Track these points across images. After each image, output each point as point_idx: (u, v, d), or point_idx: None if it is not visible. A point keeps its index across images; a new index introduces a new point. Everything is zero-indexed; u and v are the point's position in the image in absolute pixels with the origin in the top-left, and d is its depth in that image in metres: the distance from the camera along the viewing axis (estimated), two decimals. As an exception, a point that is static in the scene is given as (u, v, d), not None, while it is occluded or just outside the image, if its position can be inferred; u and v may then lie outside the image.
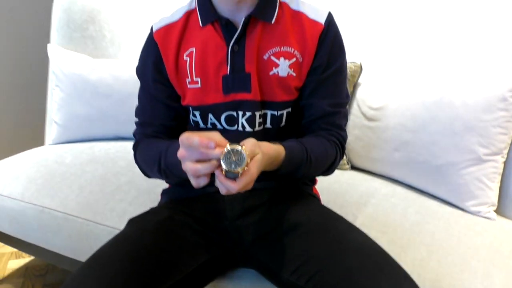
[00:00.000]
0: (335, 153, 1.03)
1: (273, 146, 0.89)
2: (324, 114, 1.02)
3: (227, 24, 0.99)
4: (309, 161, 0.96)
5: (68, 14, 1.83)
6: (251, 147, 0.80)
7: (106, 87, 1.72)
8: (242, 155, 0.77)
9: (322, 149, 1.00)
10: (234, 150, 0.77)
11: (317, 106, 1.02)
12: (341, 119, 1.05)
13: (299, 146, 0.96)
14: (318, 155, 0.98)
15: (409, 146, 1.32)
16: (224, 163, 0.77)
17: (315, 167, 0.99)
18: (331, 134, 1.03)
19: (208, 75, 1.00)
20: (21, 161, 1.61)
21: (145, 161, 1.05)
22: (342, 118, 1.05)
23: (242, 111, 1.00)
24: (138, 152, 1.09)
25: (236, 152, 0.77)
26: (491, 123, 1.20)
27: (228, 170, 0.77)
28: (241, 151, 0.77)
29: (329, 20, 1.02)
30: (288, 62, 0.99)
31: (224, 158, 0.77)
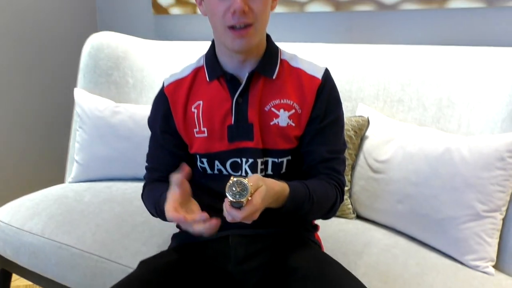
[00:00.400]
0: (335, 196, 1.10)
1: (277, 182, 0.98)
2: (323, 159, 1.10)
3: (232, 79, 1.10)
4: (312, 200, 1.03)
5: (95, 61, 1.95)
6: (255, 180, 0.89)
7: (126, 130, 1.82)
8: (246, 186, 0.86)
9: (323, 190, 1.07)
10: (238, 182, 0.86)
11: (316, 152, 1.10)
12: (340, 165, 1.14)
13: (302, 185, 1.04)
14: (320, 195, 1.06)
15: (411, 199, 1.38)
16: (229, 193, 0.85)
17: (317, 207, 1.06)
18: (331, 178, 1.11)
19: (215, 125, 1.10)
20: (43, 197, 1.70)
21: (147, 205, 1.18)
22: (340, 164, 1.14)
23: (246, 158, 1.09)
24: (143, 195, 1.21)
25: (239, 183, 0.86)
26: (490, 181, 1.26)
27: (233, 201, 0.84)
28: (244, 183, 0.86)
29: (326, 75, 1.12)
30: (288, 113, 1.09)
31: (229, 189, 0.86)
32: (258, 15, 1.02)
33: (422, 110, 1.55)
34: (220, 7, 1.01)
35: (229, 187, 0.86)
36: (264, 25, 1.07)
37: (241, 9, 0.98)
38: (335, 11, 1.89)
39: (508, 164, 1.25)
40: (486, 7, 1.61)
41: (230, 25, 1.01)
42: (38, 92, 2.35)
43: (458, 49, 1.56)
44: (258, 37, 1.06)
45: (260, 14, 1.02)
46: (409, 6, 1.74)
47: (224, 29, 1.02)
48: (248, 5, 1.00)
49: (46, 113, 2.39)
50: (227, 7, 1.00)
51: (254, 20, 1.02)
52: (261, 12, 1.02)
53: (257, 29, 1.04)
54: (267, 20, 1.07)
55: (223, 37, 1.04)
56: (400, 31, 1.79)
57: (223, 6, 1.01)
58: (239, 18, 0.99)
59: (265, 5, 1.03)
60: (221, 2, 1.01)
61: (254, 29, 1.03)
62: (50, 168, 2.39)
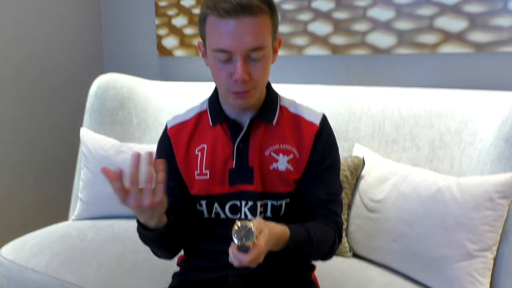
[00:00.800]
0: (334, 238, 1.14)
1: (278, 225, 1.02)
2: (322, 202, 1.15)
3: (233, 124, 1.15)
4: (312, 243, 1.07)
5: (101, 101, 2.03)
6: (258, 224, 0.93)
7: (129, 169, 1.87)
8: (251, 230, 0.90)
9: (323, 233, 1.11)
10: (244, 226, 0.90)
11: (315, 195, 1.15)
12: (337, 207, 1.18)
13: (302, 228, 1.08)
14: (319, 238, 1.10)
15: (406, 238, 1.41)
16: (235, 238, 0.90)
17: (317, 249, 1.10)
18: (330, 220, 1.15)
19: (216, 168, 1.14)
20: (47, 235, 1.74)
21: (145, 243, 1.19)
22: (338, 206, 1.18)
23: (245, 200, 1.13)
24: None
25: (245, 227, 0.90)
26: (480, 221, 1.29)
27: (240, 245, 0.89)
28: (250, 227, 0.90)
29: (323, 122, 1.18)
30: (287, 158, 1.14)
31: (235, 233, 0.90)
32: (258, 80, 1.07)
33: (415, 150, 1.60)
34: (222, 72, 1.05)
35: (235, 232, 0.90)
36: (264, 84, 1.12)
37: (243, 80, 1.03)
38: (332, 54, 1.97)
39: (497, 204, 1.29)
40: (475, 53, 1.68)
41: (232, 90, 1.06)
42: (45, 131, 2.42)
43: (449, 92, 1.62)
44: (258, 95, 1.11)
45: (261, 79, 1.08)
46: (402, 50, 1.81)
47: (226, 91, 1.08)
48: (249, 73, 1.04)
49: (52, 152, 2.45)
50: (229, 74, 1.04)
51: (255, 85, 1.07)
52: (261, 77, 1.07)
53: (257, 90, 1.09)
54: (267, 79, 1.12)
55: (225, 95, 1.10)
56: (394, 74, 1.86)
57: (225, 71, 1.05)
58: (240, 86, 1.04)
59: (265, 69, 1.08)
60: (223, 68, 1.05)
61: (254, 90, 1.08)
62: (54, 206, 2.44)
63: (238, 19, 1.00)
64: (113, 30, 2.61)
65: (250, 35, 1.01)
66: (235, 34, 1.01)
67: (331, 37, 1.95)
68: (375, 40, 1.86)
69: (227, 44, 1.02)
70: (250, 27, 1.01)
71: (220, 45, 1.03)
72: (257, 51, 1.03)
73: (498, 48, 1.63)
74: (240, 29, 1.01)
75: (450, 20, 1.70)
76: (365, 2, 1.86)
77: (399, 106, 1.67)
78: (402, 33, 1.80)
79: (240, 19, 1.00)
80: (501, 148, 1.35)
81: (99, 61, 2.65)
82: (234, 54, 1.03)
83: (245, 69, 1.03)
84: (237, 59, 1.02)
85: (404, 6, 1.78)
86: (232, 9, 0.99)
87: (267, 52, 1.07)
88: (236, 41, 1.01)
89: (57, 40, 2.44)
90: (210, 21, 1.04)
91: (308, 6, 1.99)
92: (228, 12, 1.00)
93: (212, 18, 1.03)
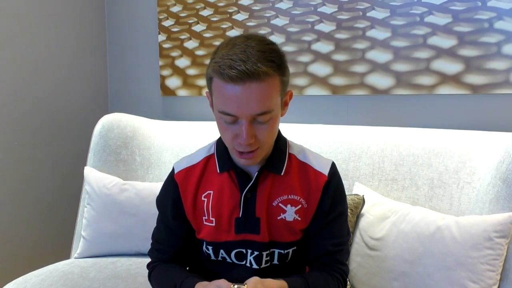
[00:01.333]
0: (337, 287, 1.14)
1: (276, 281, 1.02)
2: (328, 252, 1.15)
3: (241, 173, 1.14)
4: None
5: (105, 140, 2.06)
6: (253, 285, 0.94)
7: (132, 207, 1.89)
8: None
9: (324, 284, 1.12)
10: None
11: (321, 245, 1.15)
12: (343, 255, 1.19)
13: (302, 281, 1.08)
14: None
15: (406, 276, 1.42)
16: None
17: None
18: (334, 270, 1.15)
19: (222, 216, 1.14)
20: (49, 274, 1.74)
21: (160, 286, 1.18)
22: (344, 254, 1.19)
23: (251, 249, 1.14)
24: (153, 274, 1.22)
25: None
26: (480, 260, 1.31)
27: None
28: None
29: (332, 172, 1.18)
30: (295, 208, 1.14)
31: None
32: (265, 141, 1.06)
33: (415, 189, 1.62)
34: (228, 132, 1.05)
35: None
36: (271, 144, 1.11)
37: (248, 143, 1.02)
38: (332, 94, 2.02)
39: (496, 244, 1.30)
40: (471, 94, 1.73)
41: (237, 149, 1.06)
42: (48, 169, 2.44)
43: (447, 132, 1.66)
44: (264, 153, 1.10)
45: (268, 140, 1.07)
46: (400, 91, 1.86)
47: (232, 149, 1.08)
48: (254, 135, 1.03)
49: (55, 190, 2.47)
50: (235, 134, 1.03)
51: (261, 145, 1.06)
52: (267, 138, 1.06)
53: (263, 150, 1.08)
54: (274, 138, 1.11)
55: (231, 152, 1.11)
56: (393, 114, 1.90)
57: (231, 131, 1.04)
58: (245, 147, 1.03)
59: (271, 131, 1.06)
60: (229, 128, 1.04)
61: (260, 150, 1.07)
62: (57, 244, 2.44)
63: (244, 86, 0.98)
64: (118, 71, 2.68)
65: (256, 101, 0.99)
66: (241, 99, 0.99)
67: (331, 78, 2.01)
68: (374, 81, 1.91)
69: (233, 109, 1.00)
70: (256, 92, 0.98)
71: (225, 109, 1.01)
72: (264, 115, 1.01)
73: (494, 90, 1.68)
74: (246, 95, 0.98)
75: (446, 63, 1.76)
76: (364, 44, 1.92)
77: (398, 145, 1.70)
78: (400, 75, 1.85)
79: (247, 85, 0.98)
80: (498, 188, 1.37)
81: (103, 101, 2.70)
82: (240, 118, 1.01)
83: (251, 133, 1.01)
84: (243, 123, 1.01)
85: (401, 49, 1.84)
86: (238, 76, 0.97)
87: (274, 114, 1.04)
88: (242, 106, 0.99)
89: (63, 81, 2.50)
90: (216, 84, 1.02)
91: (308, 48, 2.05)
92: (234, 79, 0.97)
93: (217, 81, 1.01)
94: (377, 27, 1.88)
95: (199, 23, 2.34)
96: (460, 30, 1.73)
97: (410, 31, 1.82)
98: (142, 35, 2.57)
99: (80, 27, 2.57)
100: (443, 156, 1.59)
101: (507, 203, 1.35)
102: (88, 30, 2.61)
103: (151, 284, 1.24)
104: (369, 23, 1.90)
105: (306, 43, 2.05)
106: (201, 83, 2.37)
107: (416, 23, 1.80)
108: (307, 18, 2.04)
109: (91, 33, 2.63)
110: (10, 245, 2.30)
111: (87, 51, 2.61)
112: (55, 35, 2.45)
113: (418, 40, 1.81)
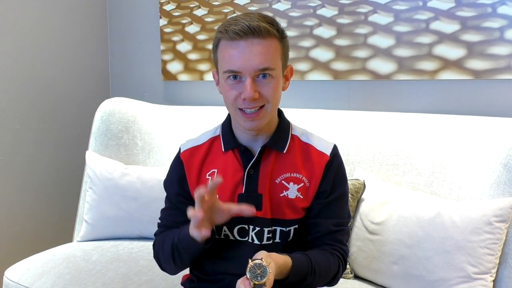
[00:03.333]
0: (338, 266, 1.17)
1: (281, 256, 1.04)
2: (329, 231, 1.17)
3: (245, 151, 1.18)
4: (314, 271, 1.10)
5: (107, 125, 2.06)
6: (265, 257, 0.95)
7: (134, 191, 1.90)
8: (265, 268, 0.96)
9: (326, 261, 1.14)
10: (257, 264, 0.96)
11: (323, 225, 1.17)
12: (343, 236, 1.21)
13: (304, 258, 1.10)
14: (322, 266, 1.12)
15: (406, 260, 1.43)
16: (250, 275, 0.94)
17: (319, 277, 1.12)
18: (334, 249, 1.17)
19: (226, 193, 1.17)
20: (52, 257, 1.76)
21: (163, 248, 1.18)
22: (344, 235, 1.21)
23: (253, 225, 1.16)
24: (156, 243, 1.23)
25: (259, 266, 0.96)
26: (479, 244, 1.32)
27: (256, 283, 0.93)
28: (264, 265, 0.96)
29: (334, 153, 1.20)
30: (297, 186, 1.16)
31: (250, 272, 0.95)
32: (268, 99, 1.10)
33: (415, 174, 1.63)
34: (232, 93, 1.10)
35: (250, 270, 0.95)
36: (275, 106, 1.15)
37: (251, 98, 1.07)
38: (334, 79, 2.02)
39: (496, 228, 1.31)
40: (473, 79, 1.73)
41: (241, 108, 1.10)
42: (50, 153, 2.45)
43: (448, 118, 1.66)
44: (268, 118, 1.14)
45: (271, 98, 1.11)
46: (402, 76, 1.86)
47: (236, 110, 1.12)
48: (258, 91, 1.08)
49: (57, 174, 2.48)
50: (239, 93, 1.09)
51: (264, 102, 1.10)
52: (272, 96, 1.11)
53: (267, 111, 1.12)
54: (278, 101, 1.15)
55: (236, 117, 1.14)
56: (394, 100, 1.90)
57: (235, 91, 1.10)
58: (249, 104, 1.09)
59: (274, 89, 1.11)
60: (233, 89, 1.10)
61: (264, 110, 1.11)
62: (59, 227, 2.46)
63: (247, 41, 1.07)
64: (119, 56, 2.67)
65: (258, 55, 1.07)
66: (244, 54, 1.07)
67: (333, 63, 2.00)
68: (376, 66, 1.91)
69: (237, 65, 1.08)
70: (258, 48, 1.07)
71: (230, 66, 1.09)
72: (266, 71, 1.08)
73: (496, 75, 1.68)
74: (249, 49, 1.07)
75: (449, 48, 1.75)
76: (366, 29, 1.91)
77: (399, 130, 1.71)
78: (402, 60, 1.85)
79: (249, 41, 1.07)
80: (499, 173, 1.38)
81: (105, 86, 2.70)
82: (243, 74, 1.08)
83: (254, 87, 1.08)
84: (246, 78, 1.08)
85: (403, 34, 1.83)
86: (242, 30, 1.06)
87: (277, 74, 1.11)
88: (245, 61, 1.07)
89: (64, 65, 2.49)
90: (222, 45, 1.11)
91: (310, 33, 2.04)
92: (238, 33, 1.06)
93: (223, 42, 1.10)
94: (380, 11, 1.87)
95: (201, 7, 2.33)
96: (463, 15, 1.72)
97: (413, 16, 1.81)
98: (143, 20, 2.55)
99: (81, 11, 2.55)
100: (444, 141, 1.59)
101: (508, 188, 1.36)
102: (89, 14, 2.60)
103: (156, 256, 1.23)
104: (371, 7, 1.89)
105: (308, 28, 2.04)
106: (203, 68, 2.36)
107: (419, 8, 1.79)
108: (309, 2, 2.03)
109: (92, 17, 2.61)
110: (13, 228, 2.31)
111: (88, 35, 2.60)
112: (56, 19, 2.44)
113: (421, 25, 1.80)
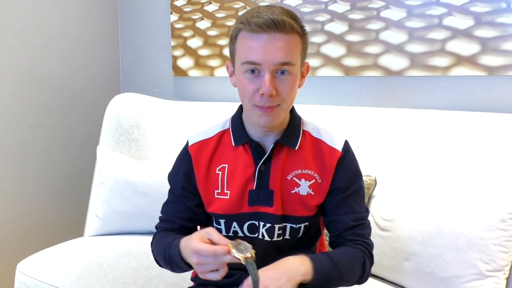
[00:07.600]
0: (363, 259, 1.14)
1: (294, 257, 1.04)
2: (349, 227, 1.15)
3: (256, 146, 1.16)
4: (338, 269, 1.07)
5: (118, 120, 2.07)
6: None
7: (144, 186, 1.90)
8: (245, 243, 0.97)
9: (349, 257, 1.12)
10: (238, 241, 0.98)
11: (342, 221, 1.16)
12: (365, 229, 1.18)
13: (326, 257, 1.08)
14: (347, 263, 1.10)
15: (417, 257, 1.42)
16: (236, 251, 0.95)
17: (346, 275, 1.10)
18: (357, 243, 1.15)
19: (236, 188, 1.16)
20: (63, 251, 1.77)
21: (156, 253, 1.20)
22: (365, 228, 1.18)
23: (263, 222, 1.15)
24: (153, 242, 1.23)
25: (239, 242, 0.98)
26: (492, 241, 1.31)
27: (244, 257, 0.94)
28: (243, 242, 0.98)
29: (346, 148, 1.19)
30: (308, 183, 1.15)
31: (234, 248, 0.96)
32: (285, 97, 1.08)
33: (427, 170, 1.61)
34: (249, 87, 1.07)
35: (233, 246, 0.96)
36: (290, 104, 1.13)
37: (270, 93, 1.04)
38: (345, 75, 2.01)
39: (509, 225, 1.30)
40: (487, 75, 1.71)
41: (257, 104, 1.08)
42: (62, 148, 2.46)
43: (461, 114, 1.64)
44: (283, 115, 1.12)
45: (287, 96, 1.09)
46: (414, 73, 1.84)
47: (252, 106, 1.09)
48: (276, 88, 1.06)
49: (68, 169, 2.50)
50: (256, 88, 1.06)
51: (280, 101, 1.08)
52: (288, 95, 1.08)
53: (282, 109, 1.10)
54: (293, 99, 1.13)
55: (250, 112, 1.11)
56: (406, 96, 1.88)
57: (252, 86, 1.06)
58: (266, 100, 1.06)
59: (292, 87, 1.09)
60: (251, 83, 1.07)
61: (279, 108, 1.09)
62: (71, 222, 2.48)
63: (270, 34, 1.04)
64: (130, 51, 2.68)
65: (280, 50, 1.04)
66: (266, 48, 1.04)
67: (344, 59, 1.99)
68: (388, 62, 1.89)
69: (257, 57, 1.04)
70: (281, 42, 1.04)
71: (249, 57, 1.05)
72: (286, 67, 1.06)
73: (510, 71, 1.66)
74: (271, 43, 1.04)
75: (462, 44, 1.74)
76: (378, 25, 1.90)
77: (411, 127, 1.70)
78: (414, 56, 1.83)
79: (272, 34, 1.04)
80: (512, 169, 1.37)
81: (116, 81, 2.71)
82: (262, 68, 1.05)
83: (273, 84, 1.05)
84: (265, 73, 1.05)
85: (416, 29, 1.82)
86: (265, 23, 1.03)
87: (295, 71, 1.09)
88: (266, 54, 1.04)
89: (75, 61, 2.50)
90: (242, 37, 1.08)
91: (321, 28, 2.03)
92: (261, 26, 1.03)
93: (244, 34, 1.07)
94: (392, 7, 1.86)
95: (212, 3, 2.33)
96: (476, 10, 1.70)
97: (426, 12, 1.80)
98: (154, 16, 2.56)
99: (92, 8, 2.56)
100: (457, 138, 1.58)
101: (521, 185, 1.34)
102: (100, 10, 2.61)
103: (153, 255, 1.24)
104: (383, 3, 1.88)
105: (319, 23, 2.03)
106: (213, 64, 2.36)
107: (432, 3, 1.78)
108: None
109: (103, 14, 2.62)
110: (26, 223, 2.33)
111: (99, 31, 2.61)
112: (67, 15, 2.45)
113: (434, 21, 1.78)
